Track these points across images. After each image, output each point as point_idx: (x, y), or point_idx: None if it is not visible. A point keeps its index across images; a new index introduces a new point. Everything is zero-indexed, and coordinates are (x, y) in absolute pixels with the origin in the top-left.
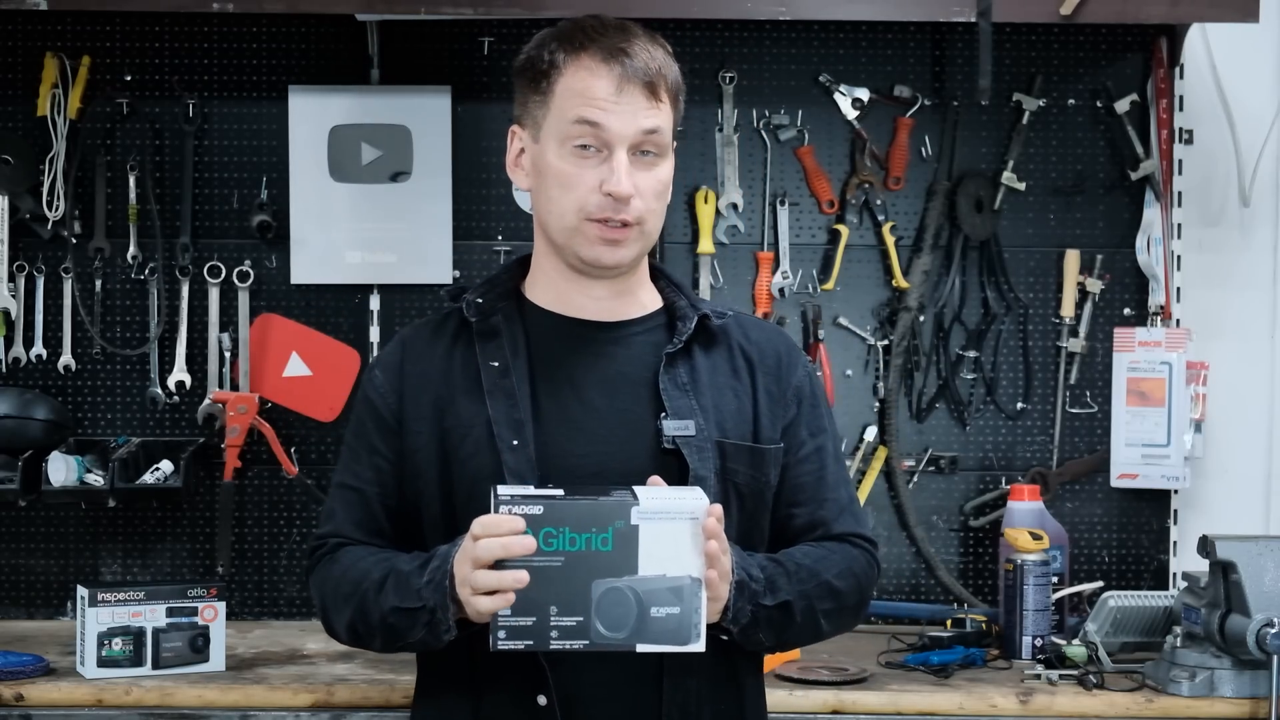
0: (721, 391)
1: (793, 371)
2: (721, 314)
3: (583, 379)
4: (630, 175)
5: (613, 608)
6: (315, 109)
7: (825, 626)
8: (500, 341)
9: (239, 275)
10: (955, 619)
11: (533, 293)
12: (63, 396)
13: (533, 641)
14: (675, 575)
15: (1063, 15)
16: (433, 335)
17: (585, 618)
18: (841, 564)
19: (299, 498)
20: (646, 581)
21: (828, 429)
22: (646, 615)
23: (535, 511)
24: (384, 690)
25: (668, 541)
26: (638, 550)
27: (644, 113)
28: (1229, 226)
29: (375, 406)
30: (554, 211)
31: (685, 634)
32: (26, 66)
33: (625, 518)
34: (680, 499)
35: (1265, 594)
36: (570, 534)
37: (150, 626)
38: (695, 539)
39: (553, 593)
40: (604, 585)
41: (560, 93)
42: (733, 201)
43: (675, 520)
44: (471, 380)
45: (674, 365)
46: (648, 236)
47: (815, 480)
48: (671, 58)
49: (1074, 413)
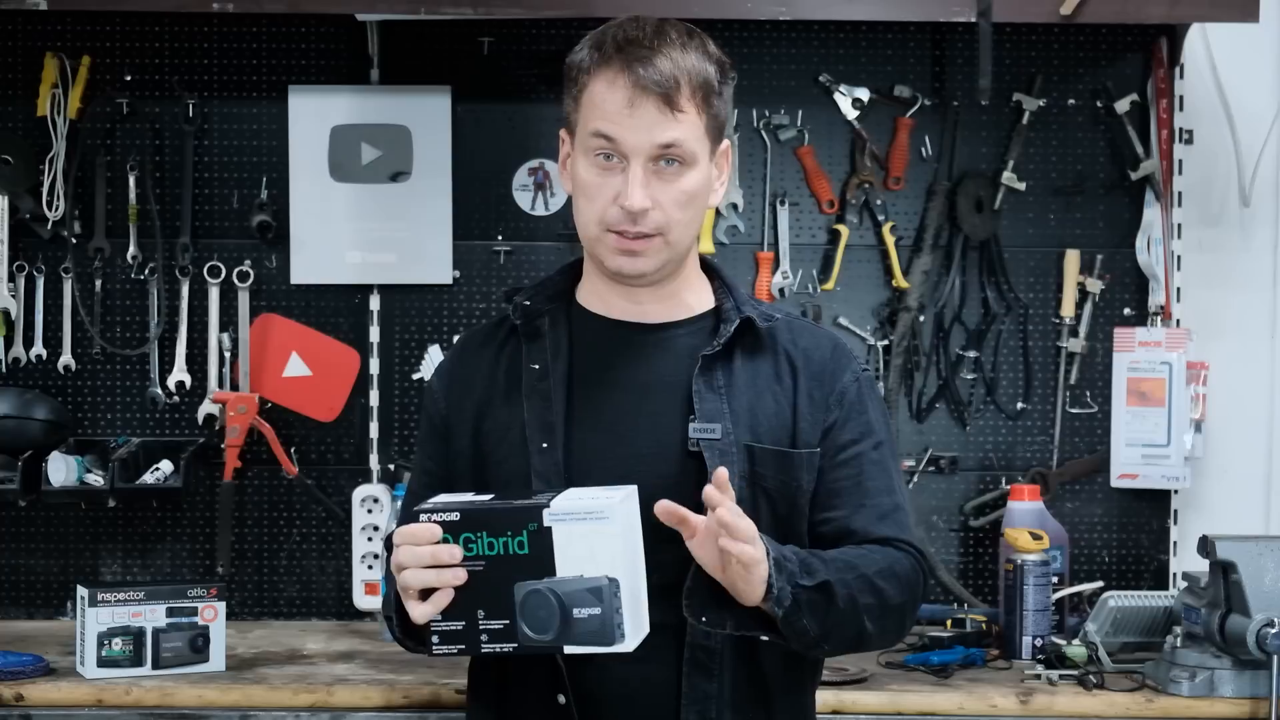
0: (760, 395)
1: (838, 376)
2: (771, 316)
3: (620, 381)
4: (646, 188)
5: (536, 610)
6: (315, 109)
7: (869, 626)
8: (543, 344)
9: (239, 275)
10: (955, 619)
11: (582, 295)
12: (63, 396)
13: (464, 645)
14: (592, 576)
15: (1063, 15)
16: (485, 339)
17: (511, 621)
18: (882, 563)
19: (299, 498)
20: (565, 583)
21: (875, 434)
22: (570, 616)
23: (453, 518)
24: (384, 690)
25: (581, 543)
26: (553, 552)
27: (658, 126)
28: (1229, 226)
29: (430, 414)
30: (581, 221)
31: (609, 635)
32: (26, 66)
33: (538, 520)
34: (596, 499)
35: (1265, 594)
36: (488, 538)
37: (150, 626)
38: (612, 539)
39: (479, 597)
40: (526, 588)
41: (585, 103)
42: (733, 201)
43: (585, 520)
44: (513, 383)
45: (711, 368)
46: (674, 247)
47: (853, 485)
48: (707, 57)
49: (1074, 413)
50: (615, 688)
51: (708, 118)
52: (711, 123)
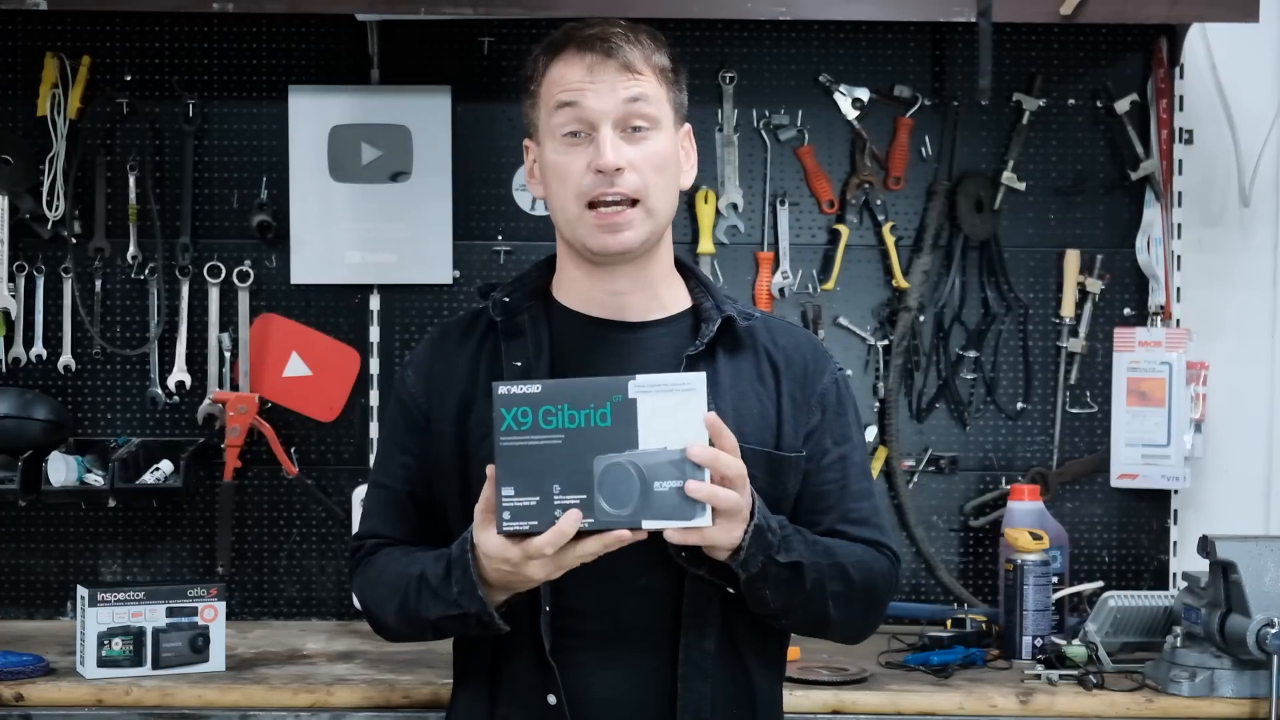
0: (744, 396)
1: (819, 378)
2: (749, 316)
3: None
4: (618, 149)
5: (615, 484)
6: (315, 109)
7: (832, 611)
8: (524, 341)
9: (239, 275)
10: (955, 619)
11: (559, 292)
12: (63, 396)
13: (537, 522)
14: (676, 448)
15: (1063, 15)
16: (463, 334)
17: (589, 495)
18: (861, 557)
19: (299, 498)
20: (648, 455)
21: (853, 438)
22: (650, 490)
23: (534, 390)
24: (384, 690)
25: (666, 414)
26: (637, 424)
27: (621, 85)
28: (1229, 226)
29: (405, 405)
30: (557, 206)
31: (690, 508)
32: (26, 66)
33: (623, 391)
34: (676, 376)
35: (1265, 594)
36: (569, 411)
37: (150, 626)
38: (696, 410)
39: (555, 471)
40: (605, 461)
41: (544, 90)
42: (733, 201)
43: (672, 392)
44: (495, 379)
45: (694, 368)
46: (654, 215)
47: (838, 489)
48: (660, 46)
49: (1074, 413)
50: (605, 689)
51: (668, 89)
52: (673, 96)
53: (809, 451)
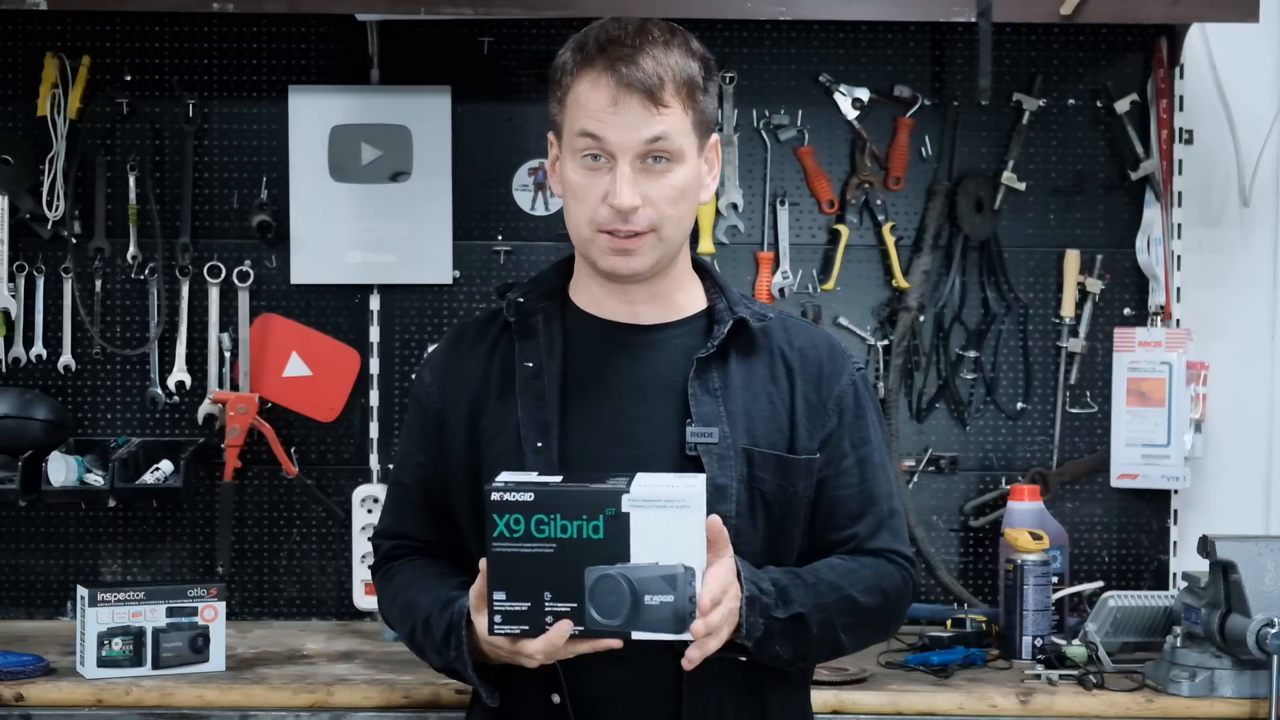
0: (756, 398)
1: (835, 381)
2: (764, 316)
3: (614, 382)
4: (635, 185)
5: (606, 595)
6: (315, 109)
7: (846, 641)
8: (538, 342)
9: (239, 275)
10: (955, 619)
11: (575, 294)
12: (63, 396)
13: (528, 626)
14: (668, 564)
15: (1063, 15)
16: (478, 334)
17: (580, 604)
18: (870, 579)
19: (299, 498)
20: (638, 569)
21: (873, 440)
22: (641, 603)
23: (526, 499)
24: (384, 690)
25: (660, 530)
26: (629, 538)
27: (643, 123)
28: (1229, 226)
29: (421, 405)
30: (572, 223)
31: (681, 622)
32: (26, 66)
33: (616, 505)
34: (674, 486)
35: (1265, 594)
36: (562, 521)
37: (150, 626)
38: (690, 528)
39: (547, 579)
40: (597, 572)
41: (570, 104)
42: (733, 201)
43: (666, 508)
44: (507, 381)
45: (706, 370)
46: (667, 243)
47: (858, 494)
48: (690, 54)
49: (1074, 413)
50: (609, 689)
51: (694, 113)
52: (698, 118)
53: (827, 457)
